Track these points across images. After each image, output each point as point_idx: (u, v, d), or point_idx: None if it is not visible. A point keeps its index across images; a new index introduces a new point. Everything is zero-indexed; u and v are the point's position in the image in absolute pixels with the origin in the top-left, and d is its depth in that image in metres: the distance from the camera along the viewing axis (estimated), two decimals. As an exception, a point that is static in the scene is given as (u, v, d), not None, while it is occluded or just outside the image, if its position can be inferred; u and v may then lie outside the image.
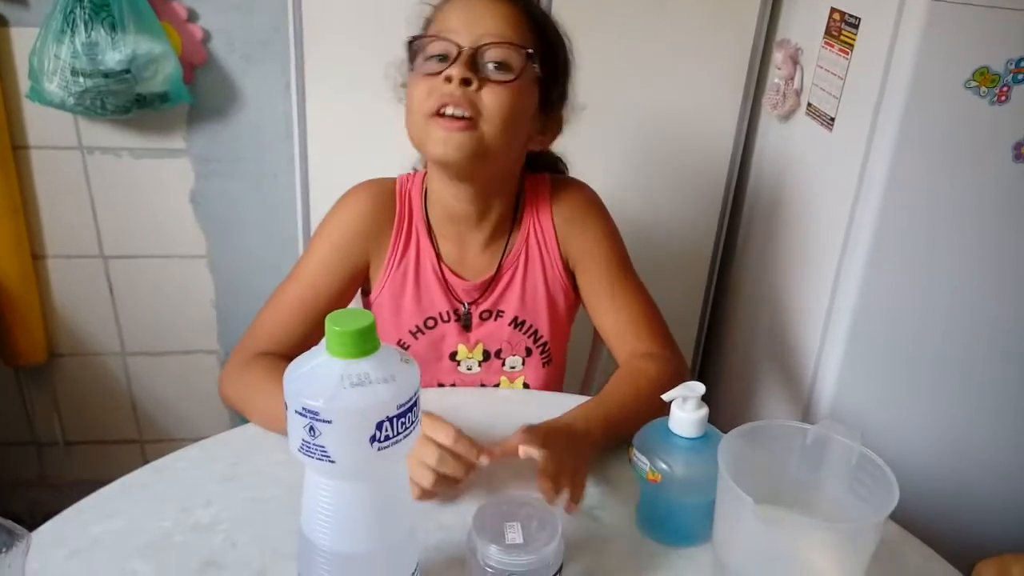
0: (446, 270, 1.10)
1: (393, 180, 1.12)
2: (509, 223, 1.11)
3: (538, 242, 1.11)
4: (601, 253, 1.11)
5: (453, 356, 1.14)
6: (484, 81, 0.96)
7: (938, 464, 1.46)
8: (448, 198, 1.06)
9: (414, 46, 1.00)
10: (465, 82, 0.94)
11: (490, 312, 1.12)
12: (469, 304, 1.11)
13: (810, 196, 1.51)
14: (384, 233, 1.09)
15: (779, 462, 0.79)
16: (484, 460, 0.82)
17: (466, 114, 0.95)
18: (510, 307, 1.12)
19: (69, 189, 1.73)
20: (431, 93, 0.96)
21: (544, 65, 1.02)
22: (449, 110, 0.95)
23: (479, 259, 1.11)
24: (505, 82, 0.97)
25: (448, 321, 1.12)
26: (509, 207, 1.10)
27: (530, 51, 0.99)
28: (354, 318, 0.61)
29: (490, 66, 0.97)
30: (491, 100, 0.96)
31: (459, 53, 0.95)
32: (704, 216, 1.75)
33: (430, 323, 1.12)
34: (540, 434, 0.85)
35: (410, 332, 1.12)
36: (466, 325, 1.12)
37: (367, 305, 1.14)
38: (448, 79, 0.94)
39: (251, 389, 0.99)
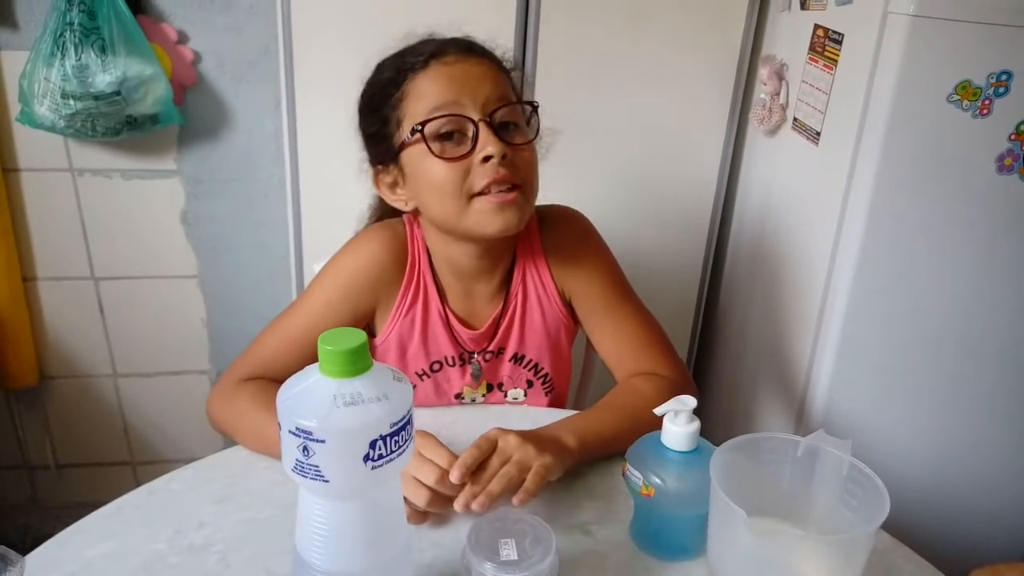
0: (453, 319, 1.09)
1: (403, 225, 1.10)
2: (511, 267, 1.10)
3: (533, 280, 1.10)
4: (596, 282, 1.10)
5: (458, 396, 1.14)
6: (512, 147, 0.96)
7: (930, 473, 1.46)
8: (458, 256, 1.05)
9: (416, 126, 0.96)
10: (504, 156, 0.94)
11: (492, 352, 1.12)
12: (476, 354, 1.11)
13: (797, 209, 1.52)
14: (395, 281, 1.07)
15: (771, 474, 0.80)
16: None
17: (514, 183, 0.96)
18: (510, 345, 1.12)
19: (60, 211, 1.73)
20: (471, 172, 0.95)
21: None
22: (496, 187, 0.95)
23: (485, 308, 1.10)
24: (529, 142, 0.98)
25: (454, 365, 1.12)
26: (512, 252, 1.10)
27: (535, 103, 0.99)
28: (346, 337, 0.61)
29: (504, 129, 0.96)
30: (523, 165, 0.97)
31: (477, 128, 0.94)
32: (693, 230, 1.77)
33: (435, 367, 1.12)
34: (512, 433, 0.87)
35: (416, 374, 1.12)
36: (475, 375, 1.12)
37: (372, 347, 1.14)
38: (486, 158, 0.93)
39: (240, 412, 0.98)
